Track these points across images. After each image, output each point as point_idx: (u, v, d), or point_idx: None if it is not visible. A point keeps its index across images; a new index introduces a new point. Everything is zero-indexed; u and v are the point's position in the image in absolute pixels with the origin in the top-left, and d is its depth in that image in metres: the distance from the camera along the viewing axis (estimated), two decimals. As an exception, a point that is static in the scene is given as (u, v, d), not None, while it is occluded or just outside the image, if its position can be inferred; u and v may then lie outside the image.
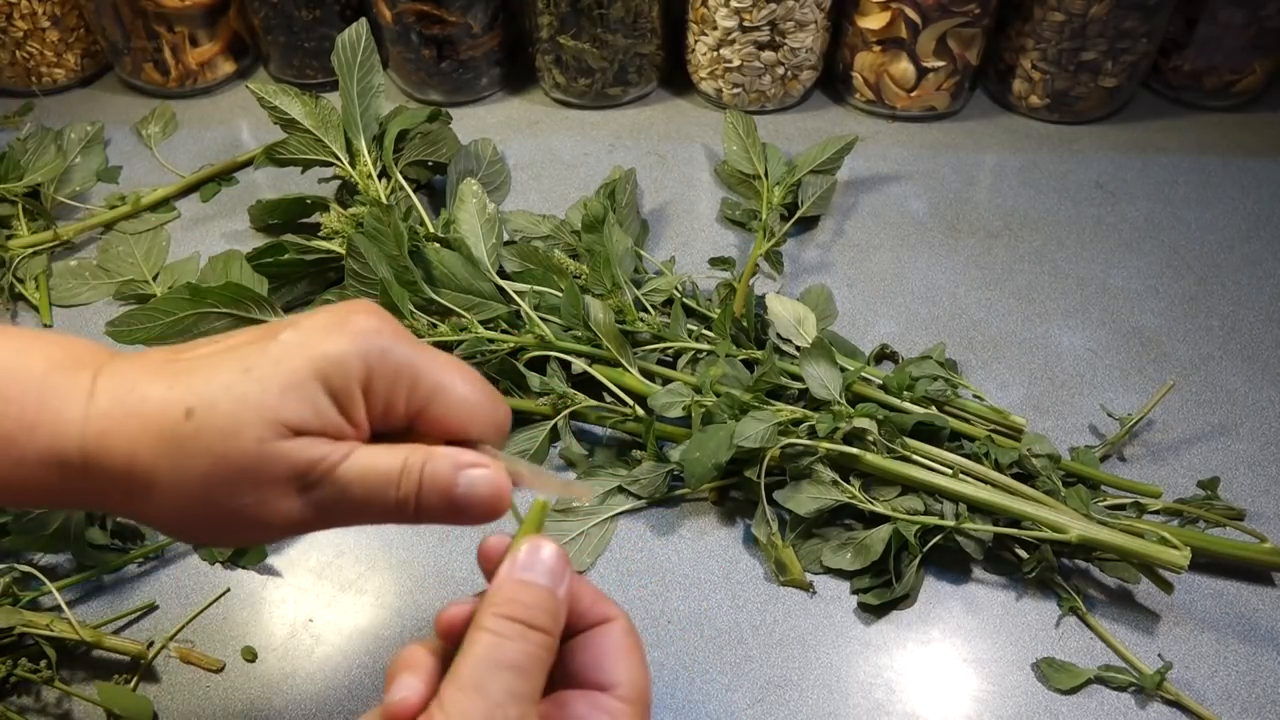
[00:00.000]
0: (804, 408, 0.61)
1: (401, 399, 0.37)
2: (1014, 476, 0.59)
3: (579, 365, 0.65)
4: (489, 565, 0.37)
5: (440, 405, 0.37)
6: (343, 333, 0.36)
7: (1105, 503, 0.59)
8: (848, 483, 0.58)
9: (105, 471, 0.36)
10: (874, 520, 0.58)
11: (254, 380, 0.35)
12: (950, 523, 0.56)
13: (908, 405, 0.62)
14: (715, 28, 0.85)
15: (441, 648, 0.36)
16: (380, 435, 0.38)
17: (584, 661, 0.37)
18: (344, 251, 0.66)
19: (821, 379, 0.60)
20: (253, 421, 0.35)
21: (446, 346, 0.66)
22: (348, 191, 0.80)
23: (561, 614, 0.35)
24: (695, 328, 0.68)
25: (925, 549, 0.56)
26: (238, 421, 0.35)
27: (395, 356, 0.37)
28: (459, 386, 0.38)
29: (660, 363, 0.66)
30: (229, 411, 0.35)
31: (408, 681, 0.34)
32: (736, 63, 0.86)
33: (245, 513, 0.36)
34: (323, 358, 0.36)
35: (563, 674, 0.37)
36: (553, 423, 0.63)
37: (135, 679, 0.55)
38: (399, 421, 0.38)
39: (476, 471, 0.37)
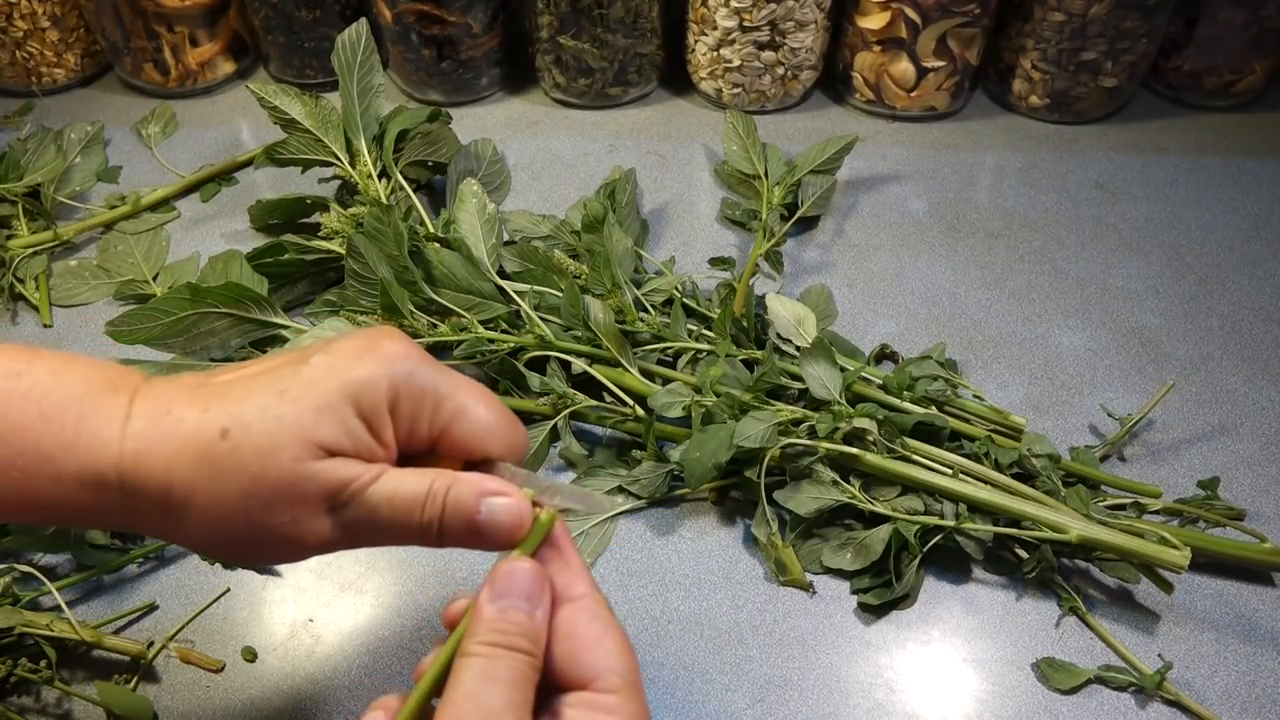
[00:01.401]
0: (804, 408, 0.61)
1: (425, 420, 0.39)
2: (1014, 476, 0.59)
3: (579, 365, 0.65)
4: (450, 627, 0.37)
5: (461, 426, 0.39)
6: (372, 357, 0.38)
7: (1105, 503, 0.59)
8: (848, 483, 0.58)
9: (141, 491, 0.37)
10: (874, 520, 0.58)
11: (289, 401, 0.37)
12: (950, 523, 0.56)
13: (908, 405, 0.62)
14: (715, 28, 0.85)
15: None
16: (405, 457, 0.39)
17: (562, 655, 0.37)
18: (344, 251, 0.66)
19: (821, 379, 0.60)
20: (288, 442, 0.36)
21: (447, 346, 0.66)
22: (348, 191, 0.80)
23: (541, 634, 0.36)
24: (695, 328, 0.68)
25: (925, 549, 0.56)
26: (274, 441, 0.36)
27: (420, 380, 0.38)
28: (479, 409, 0.39)
29: (660, 363, 0.66)
30: (265, 431, 0.36)
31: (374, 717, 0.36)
32: (736, 63, 0.86)
33: (279, 531, 0.37)
34: (354, 381, 0.37)
35: (546, 669, 0.37)
36: (553, 423, 0.63)
37: (135, 679, 0.55)
38: (423, 443, 0.39)
39: (498, 500, 0.38)
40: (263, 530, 0.37)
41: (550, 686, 0.36)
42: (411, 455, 0.40)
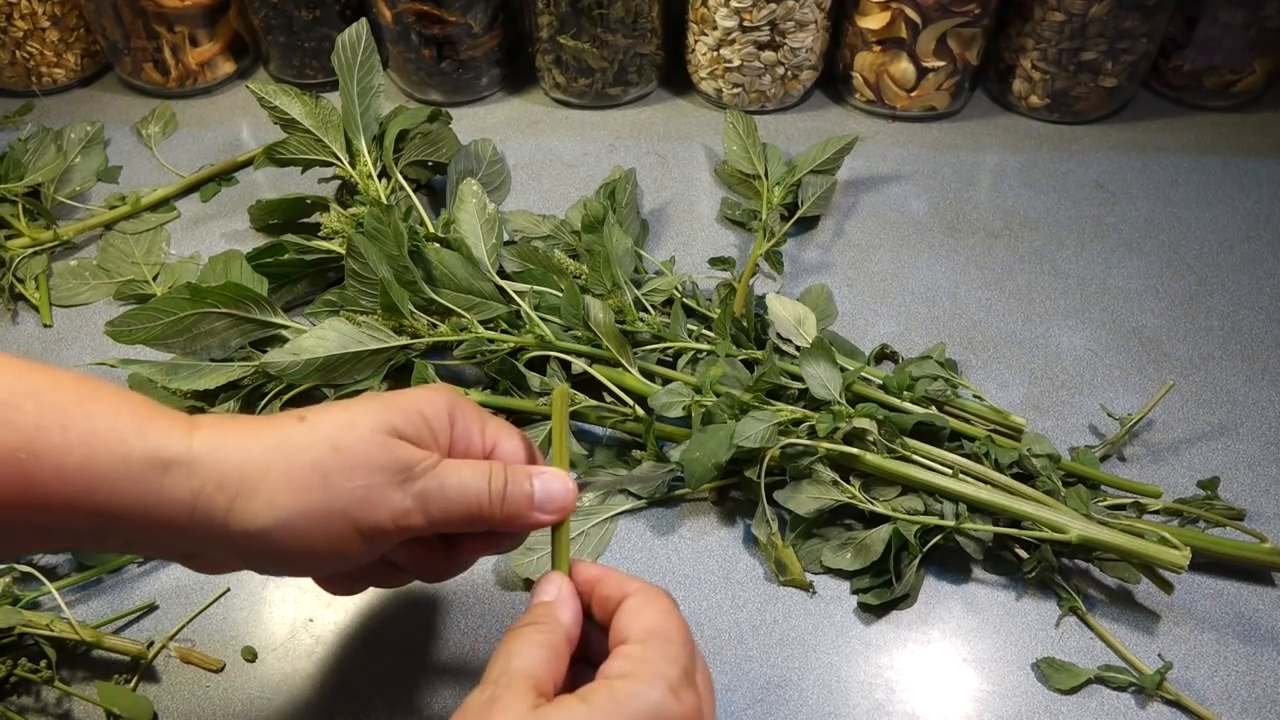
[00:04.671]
0: (804, 408, 0.61)
1: (477, 438, 0.45)
2: (1014, 476, 0.59)
3: (579, 365, 0.65)
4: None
5: (499, 450, 0.46)
6: (424, 389, 0.44)
7: (1105, 503, 0.59)
8: (848, 483, 0.58)
9: (214, 469, 0.38)
10: (874, 520, 0.58)
11: (358, 407, 0.42)
12: (950, 523, 0.56)
13: (908, 405, 0.62)
14: (715, 28, 0.85)
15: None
16: None
17: (610, 636, 0.41)
18: (344, 251, 0.66)
19: (821, 379, 0.60)
20: (365, 420, 0.41)
21: (447, 346, 0.66)
22: (348, 191, 0.80)
23: (563, 618, 0.41)
24: (695, 328, 0.68)
25: (925, 549, 0.56)
26: (352, 418, 0.41)
27: (470, 407, 0.45)
28: (512, 439, 0.46)
29: (660, 363, 0.66)
30: (343, 413, 0.41)
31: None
32: (736, 63, 0.86)
33: (358, 496, 0.39)
34: (415, 395, 0.43)
35: (600, 656, 0.40)
36: (553, 423, 0.63)
37: (135, 679, 0.55)
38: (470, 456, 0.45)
39: (548, 473, 0.44)
40: (339, 499, 0.39)
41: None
42: None
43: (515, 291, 0.68)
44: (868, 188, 0.83)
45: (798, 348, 0.65)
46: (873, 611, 0.57)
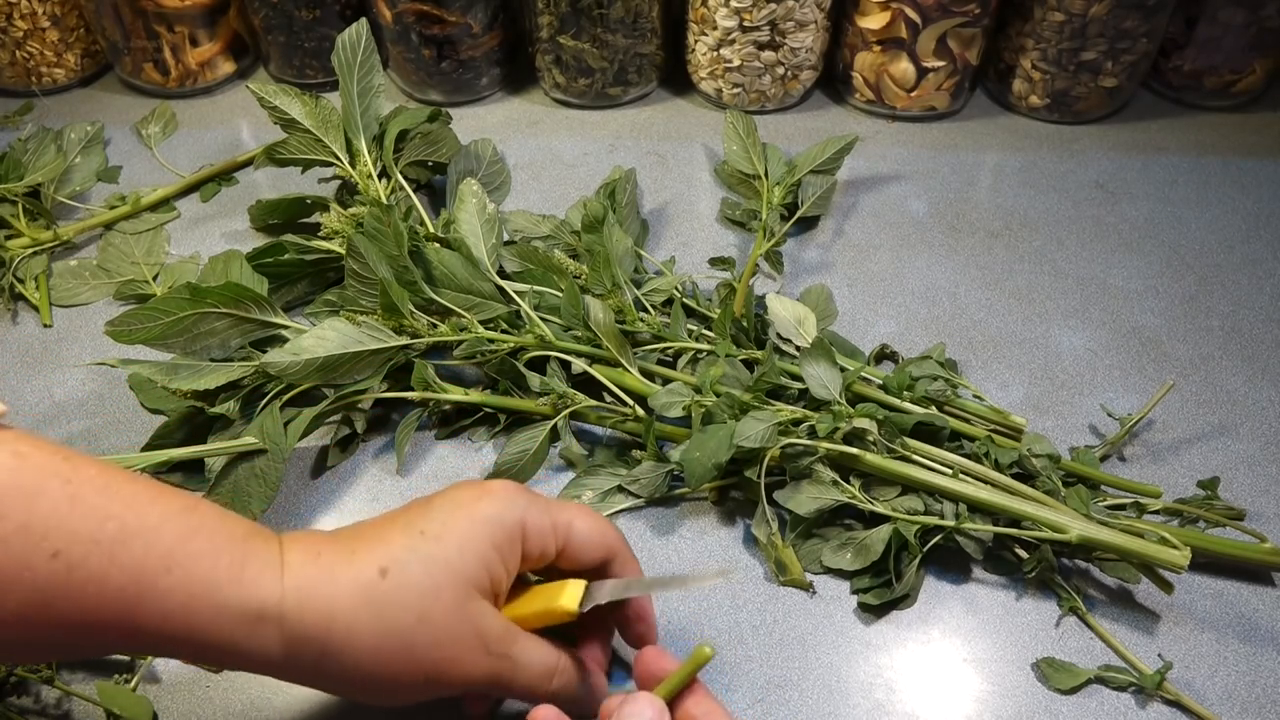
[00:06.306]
0: (804, 408, 0.61)
1: (550, 538, 0.45)
2: (1014, 476, 0.59)
3: (579, 365, 0.65)
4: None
5: (573, 541, 0.46)
6: (490, 497, 0.44)
7: (1105, 503, 0.59)
8: (848, 483, 0.58)
9: (302, 628, 0.40)
10: (874, 520, 0.58)
11: (431, 540, 0.42)
12: (950, 523, 0.56)
13: (908, 405, 0.62)
14: (715, 28, 0.85)
15: None
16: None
17: None
18: (344, 251, 0.66)
19: (821, 379, 0.60)
20: (446, 582, 0.42)
21: (447, 346, 0.66)
22: (348, 191, 0.80)
23: None
24: (695, 328, 0.68)
25: (925, 549, 0.56)
26: (434, 581, 0.41)
27: (537, 510, 0.45)
28: (581, 522, 0.46)
29: (660, 363, 0.66)
30: (422, 570, 0.41)
31: None
32: (736, 63, 0.86)
33: (440, 666, 0.41)
34: (484, 519, 0.43)
35: None
36: (553, 423, 0.63)
37: (135, 679, 0.55)
38: (544, 562, 0.47)
39: (641, 699, 0.42)
40: (425, 664, 0.41)
41: None
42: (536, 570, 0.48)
43: (515, 291, 0.68)
44: (868, 188, 0.83)
45: (798, 348, 0.65)
46: (873, 611, 0.57)
